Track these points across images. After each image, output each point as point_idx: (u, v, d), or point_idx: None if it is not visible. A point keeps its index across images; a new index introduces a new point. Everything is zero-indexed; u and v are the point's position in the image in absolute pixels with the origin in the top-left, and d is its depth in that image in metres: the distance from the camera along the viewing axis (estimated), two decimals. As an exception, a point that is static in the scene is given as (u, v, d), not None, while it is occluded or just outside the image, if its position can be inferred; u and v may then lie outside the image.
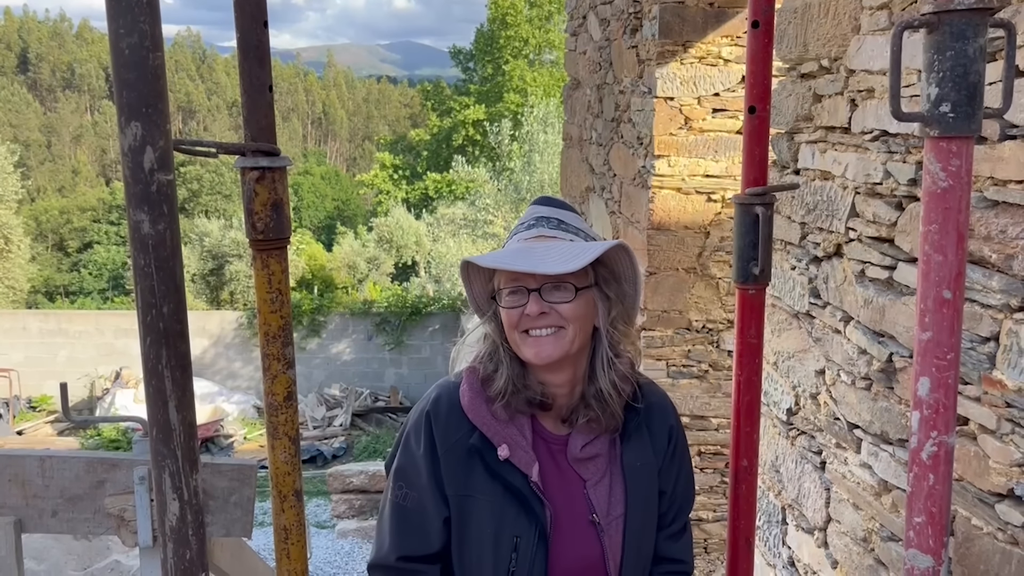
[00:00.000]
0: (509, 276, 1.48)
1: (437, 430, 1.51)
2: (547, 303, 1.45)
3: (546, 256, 1.45)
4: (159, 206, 0.91)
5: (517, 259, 1.45)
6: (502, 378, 1.50)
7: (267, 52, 1.30)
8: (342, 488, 7.48)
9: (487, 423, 1.50)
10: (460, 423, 1.51)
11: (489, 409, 1.51)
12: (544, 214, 1.56)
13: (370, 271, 25.61)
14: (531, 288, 1.46)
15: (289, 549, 1.51)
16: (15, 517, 1.88)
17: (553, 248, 1.48)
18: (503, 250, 1.54)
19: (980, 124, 1.12)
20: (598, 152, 5.15)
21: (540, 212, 1.58)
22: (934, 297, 1.16)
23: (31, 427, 14.95)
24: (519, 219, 1.61)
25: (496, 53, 32.13)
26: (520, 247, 1.51)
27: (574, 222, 1.57)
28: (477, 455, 1.49)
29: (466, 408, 1.51)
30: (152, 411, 1.02)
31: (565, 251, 1.47)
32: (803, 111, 2.26)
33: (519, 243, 1.53)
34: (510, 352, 1.52)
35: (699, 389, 4.13)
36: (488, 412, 1.51)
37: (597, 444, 1.54)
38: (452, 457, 1.49)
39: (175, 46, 63.16)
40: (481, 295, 1.59)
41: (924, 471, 1.18)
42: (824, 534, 2.20)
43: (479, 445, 1.49)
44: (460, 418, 1.51)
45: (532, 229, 1.53)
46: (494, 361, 1.53)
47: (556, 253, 1.46)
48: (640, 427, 1.57)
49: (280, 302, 1.41)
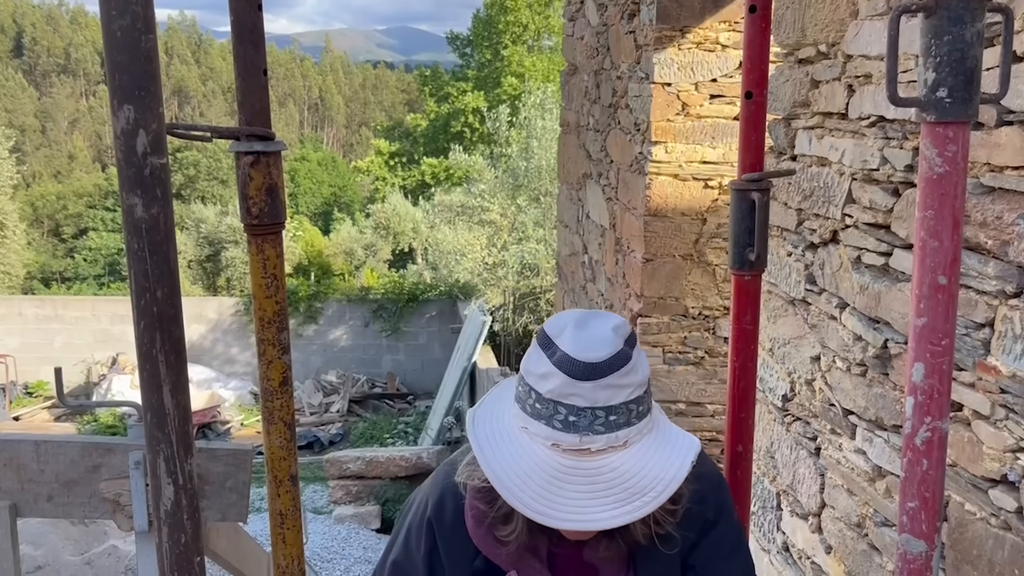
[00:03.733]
0: None
1: (441, 541, 1.34)
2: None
3: (593, 491, 1.14)
4: (152, 190, 0.91)
5: (558, 502, 1.14)
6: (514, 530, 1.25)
7: (261, 35, 1.29)
8: (339, 474, 7.50)
9: (495, 554, 1.30)
10: (465, 543, 1.31)
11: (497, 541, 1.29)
12: (586, 404, 1.15)
13: (367, 258, 25.63)
14: None
15: (285, 534, 1.51)
16: (10, 501, 1.88)
17: (601, 477, 1.15)
18: (530, 465, 1.16)
19: (977, 110, 1.12)
20: (595, 138, 5.13)
21: (581, 397, 1.14)
22: (929, 283, 1.16)
23: (28, 413, 14.96)
24: (546, 382, 1.17)
25: (495, 38, 32.00)
26: (556, 470, 1.15)
27: (623, 394, 1.16)
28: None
29: (472, 536, 1.30)
30: (146, 396, 1.02)
31: (621, 483, 1.15)
32: (800, 97, 2.26)
33: (554, 452, 1.16)
34: None
35: (695, 376, 4.14)
36: (495, 543, 1.29)
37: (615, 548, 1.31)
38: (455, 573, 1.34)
39: (169, 30, 62.79)
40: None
41: (918, 456, 1.18)
42: (818, 519, 2.21)
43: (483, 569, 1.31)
44: (465, 538, 1.31)
45: (572, 434, 1.15)
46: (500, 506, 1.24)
47: (607, 487, 1.15)
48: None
49: (275, 287, 1.41)
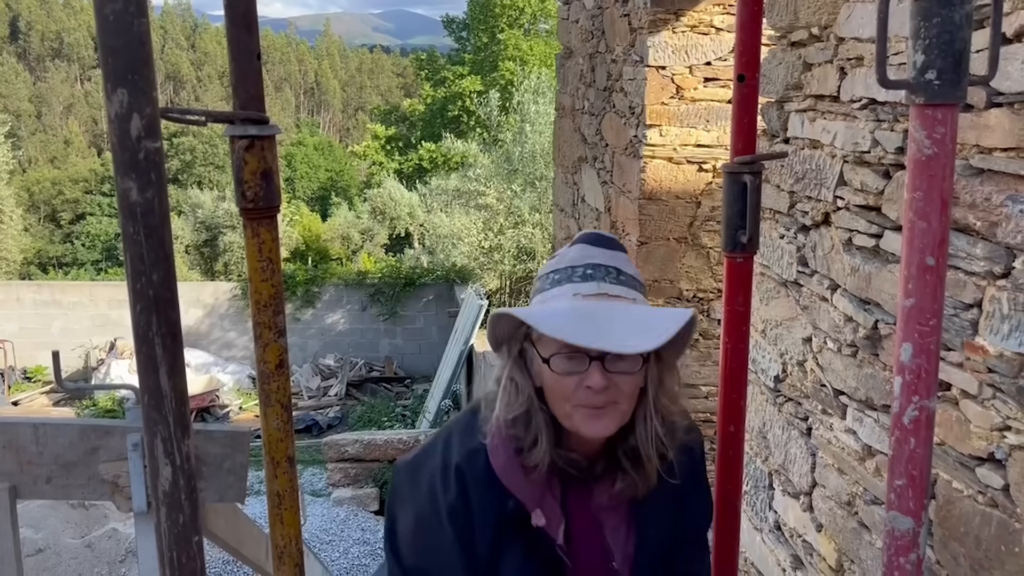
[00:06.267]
0: None
1: (473, 488, 1.38)
2: (610, 374, 1.29)
3: (613, 323, 1.27)
4: (147, 173, 0.92)
5: (587, 326, 1.26)
6: (541, 449, 1.35)
7: (255, 18, 1.29)
8: (338, 457, 7.54)
9: (522, 490, 1.38)
10: (496, 486, 1.38)
11: (524, 475, 1.38)
12: (600, 261, 1.36)
13: (364, 242, 25.61)
14: (592, 356, 1.28)
15: (282, 514, 1.53)
16: (10, 484, 1.90)
17: (619, 312, 1.30)
18: (560, 307, 1.32)
19: (966, 92, 1.13)
20: (590, 122, 5.13)
21: (595, 258, 1.36)
22: (917, 264, 1.17)
23: (26, 398, 14.97)
24: (564, 257, 1.39)
25: (491, 22, 31.83)
26: (580, 307, 1.30)
27: (630, 269, 1.39)
28: (510, 521, 1.39)
29: (500, 473, 1.38)
30: (143, 378, 1.03)
31: (637, 318, 1.30)
32: (793, 80, 2.26)
33: (575, 300, 1.32)
34: (546, 412, 1.36)
35: (689, 358, 4.16)
36: (523, 479, 1.38)
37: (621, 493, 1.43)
38: (485, 521, 1.38)
39: (164, 15, 62.39)
40: (506, 335, 1.40)
41: (905, 435, 1.20)
42: (809, 498, 2.24)
43: (514, 511, 1.38)
44: (495, 481, 1.38)
45: (590, 282, 1.33)
46: (532, 430, 1.35)
47: (626, 319, 1.29)
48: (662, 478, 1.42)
49: (271, 270, 1.42)
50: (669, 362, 1.39)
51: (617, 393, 1.30)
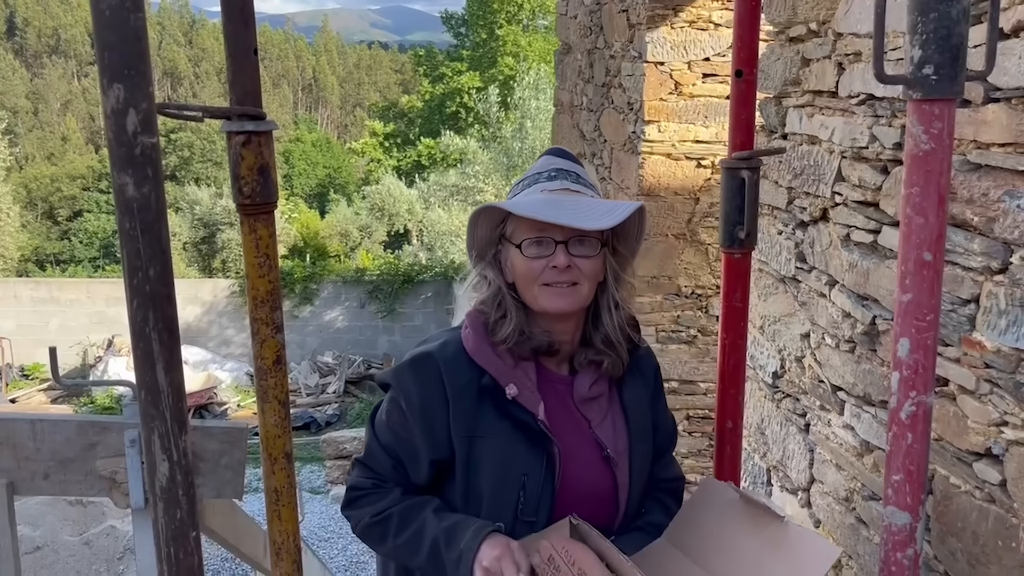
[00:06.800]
0: (534, 226, 1.50)
1: (447, 370, 1.53)
2: (573, 256, 1.49)
3: (576, 210, 1.48)
4: (143, 168, 0.91)
5: (554, 210, 1.47)
6: (509, 325, 1.53)
7: (252, 14, 1.29)
8: (336, 454, 7.55)
9: (494, 365, 1.53)
10: (468, 365, 1.54)
11: (495, 352, 1.54)
12: (563, 167, 1.59)
13: (362, 239, 25.56)
14: (558, 240, 1.49)
15: (280, 510, 1.53)
16: (7, 480, 1.90)
17: (581, 203, 1.52)
18: (531, 199, 1.54)
19: (963, 87, 1.13)
20: (589, 118, 5.12)
21: (559, 164, 1.60)
22: (915, 259, 1.17)
23: (24, 395, 14.96)
24: (533, 168, 1.62)
25: (490, 18, 31.80)
26: (548, 198, 1.52)
27: (588, 177, 1.61)
28: (487, 396, 1.52)
29: (471, 351, 1.54)
30: (140, 373, 1.03)
31: (595, 207, 1.50)
32: (791, 75, 2.26)
33: (543, 194, 1.54)
34: (516, 299, 1.55)
35: (688, 354, 4.16)
36: (494, 355, 1.54)
37: (600, 384, 1.61)
38: (462, 399, 1.52)
39: (162, 11, 62.20)
40: (484, 239, 1.60)
41: (903, 430, 1.20)
42: (807, 494, 2.24)
43: (489, 385, 1.52)
44: (467, 361, 1.54)
45: (555, 181, 1.56)
46: (501, 308, 1.55)
47: (586, 208, 1.49)
48: (633, 369, 1.65)
49: (268, 266, 1.42)
50: (625, 256, 1.61)
51: (578, 275, 1.50)
